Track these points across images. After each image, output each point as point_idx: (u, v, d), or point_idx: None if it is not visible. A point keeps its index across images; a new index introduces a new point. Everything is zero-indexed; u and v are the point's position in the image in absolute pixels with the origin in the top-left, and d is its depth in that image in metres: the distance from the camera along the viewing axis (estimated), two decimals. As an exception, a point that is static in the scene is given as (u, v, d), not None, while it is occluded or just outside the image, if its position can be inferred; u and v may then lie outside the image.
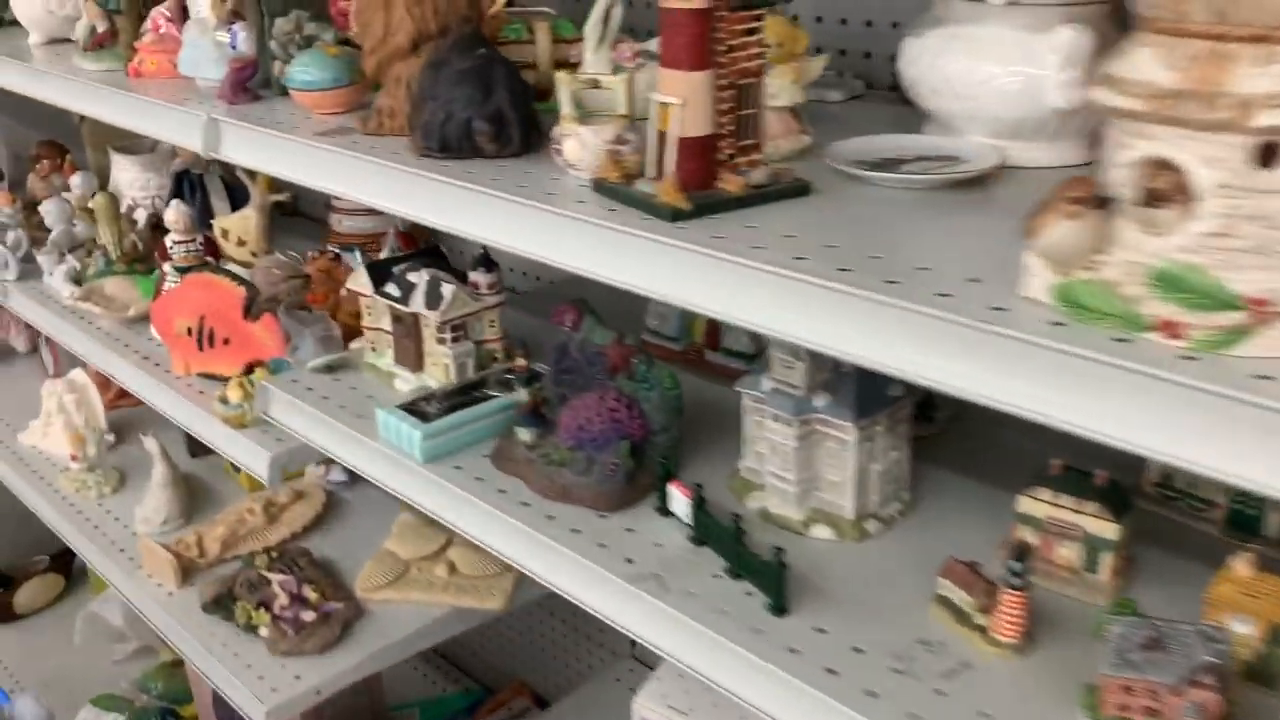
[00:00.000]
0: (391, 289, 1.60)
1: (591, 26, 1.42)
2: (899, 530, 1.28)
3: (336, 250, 2.11)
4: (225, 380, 1.94)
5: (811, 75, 1.25)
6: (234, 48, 1.56)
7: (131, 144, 2.70)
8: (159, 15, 1.77)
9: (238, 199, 2.59)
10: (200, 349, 1.96)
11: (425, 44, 1.34)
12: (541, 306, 1.64)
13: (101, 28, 1.85)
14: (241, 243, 2.39)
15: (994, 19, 1.15)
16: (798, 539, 1.26)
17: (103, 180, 2.65)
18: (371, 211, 2.31)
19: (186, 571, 2.14)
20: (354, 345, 1.94)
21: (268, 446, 1.74)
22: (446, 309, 1.54)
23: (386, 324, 1.65)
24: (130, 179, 2.66)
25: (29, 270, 2.49)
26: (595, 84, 1.18)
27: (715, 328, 1.64)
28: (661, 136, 1.07)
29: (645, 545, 1.26)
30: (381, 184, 1.28)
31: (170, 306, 1.98)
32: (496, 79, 1.27)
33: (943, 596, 1.13)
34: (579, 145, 1.15)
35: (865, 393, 1.22)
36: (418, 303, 1.56)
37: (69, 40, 2.20)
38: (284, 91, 1.62)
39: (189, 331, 1.96)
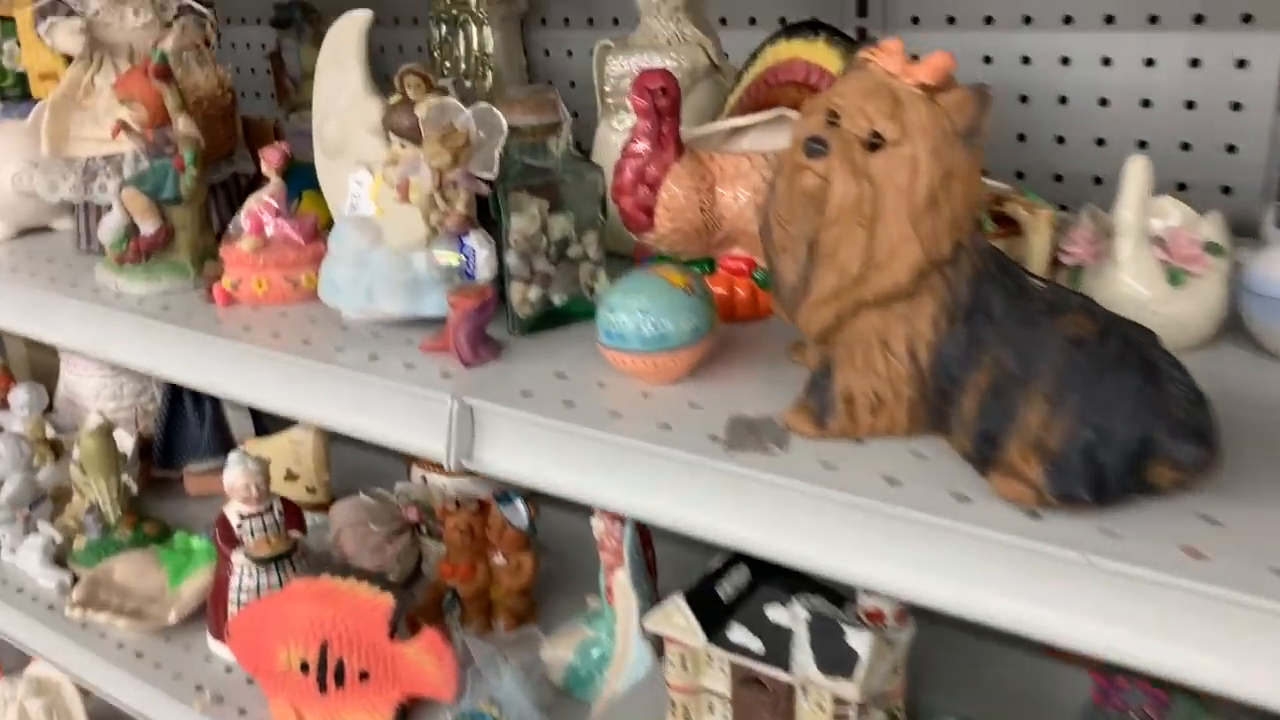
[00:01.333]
0: (744, 638, 0.98)
1: (1131, 211, 0.87)
2: None
3: (482, 498, 1.47)
4: (365, 734, 1.28)
5: None
6: (470, 275, 0.92)
7: (86, 337, 1.98)
8: (261, 208, 1.11)
9: (262, 415, 1.90)
10: (323, 690, 1.28)
11: (926, 278, 0.75)
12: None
13: (149, 228, 1.16)
14: (292, 476, 1.72)
15: None
16: None
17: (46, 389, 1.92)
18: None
19: None
20: (546, 657, 1.30)
21: None
22: (867, 676, 0.93)
23: (718, 683, 1.03)
24: (93, 388, 1.92)
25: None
26: None
27: None
28: None
29: None
30: (963, 563, 0.68)
31: (266, 628, 1.30)
32: (1154, 354, 0.69)
33: None
34: None
35: None
36: (805, 662, 0.95)
37: (48, 229, 1.50)
38: (526, 330, 1.00)
39: (304, 667, 1.28)
